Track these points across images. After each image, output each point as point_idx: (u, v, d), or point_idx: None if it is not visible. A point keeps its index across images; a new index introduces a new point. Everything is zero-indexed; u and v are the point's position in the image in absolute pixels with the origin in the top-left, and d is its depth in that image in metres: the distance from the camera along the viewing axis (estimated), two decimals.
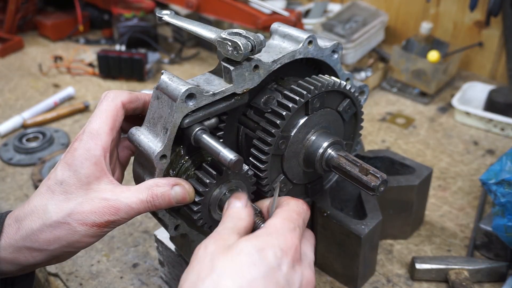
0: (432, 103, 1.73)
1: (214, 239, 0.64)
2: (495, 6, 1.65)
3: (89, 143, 0.72)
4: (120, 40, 2.02)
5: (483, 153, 1.47)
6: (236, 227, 0.67)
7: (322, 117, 0.87)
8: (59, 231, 0.69)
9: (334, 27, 1.87)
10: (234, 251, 0.61)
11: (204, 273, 0.59)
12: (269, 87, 0.88)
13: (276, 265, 0.61)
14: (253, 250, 0.61)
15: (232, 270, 0.59)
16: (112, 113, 0.75)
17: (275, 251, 0.61)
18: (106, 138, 0.73)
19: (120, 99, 0.77)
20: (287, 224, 0.67)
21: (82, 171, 0.71)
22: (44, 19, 2.28)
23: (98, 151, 0.72)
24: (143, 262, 1.11)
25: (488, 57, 1.86)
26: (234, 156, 0.71)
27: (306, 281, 0.65)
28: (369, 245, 0.98)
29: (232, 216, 0.69)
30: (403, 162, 1.13)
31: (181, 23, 0.82)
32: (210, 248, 0.62)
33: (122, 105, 0.77)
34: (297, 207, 0.71)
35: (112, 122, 0.75)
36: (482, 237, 1.08)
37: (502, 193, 1.01)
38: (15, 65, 2.05)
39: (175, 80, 0.73)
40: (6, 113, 1.71)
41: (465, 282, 0.99)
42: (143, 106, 0.81)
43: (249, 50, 0.73)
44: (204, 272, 0.59)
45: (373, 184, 0.79)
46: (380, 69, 1.84)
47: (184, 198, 0.74)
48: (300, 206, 0.72)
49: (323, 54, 0.89)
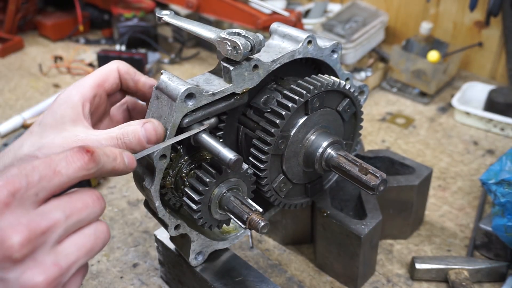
0: (432, 103, 1.73)
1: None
2: (495, 6, 1.64)
3: (71, 91, 0.75)
4: (120, 40, 2.02)
5: (483, 153, 1.47)
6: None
7: (321, 117, 0.87)
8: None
9: (334, 27, 1.87)
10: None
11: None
12: (269, 87, 0.88)
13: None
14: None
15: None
16: (103, 73, 0.78)
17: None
18: (89, 90, 0.75)
19: (117, 65, 0.80)
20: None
21: (59, 111, 0.72)
22: (44, 19, 2.28)
23: (77, 97, 0.74)
24: (143, 262, 1.11)
25: (488, 57, 1.86)
26: (234, 155, 0.71)
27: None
28: (369, 245, 0.98)
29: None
30: (403, 162, 1.13)
31: (181, 23, 0.82)
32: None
33: (117, 70, 0.79)
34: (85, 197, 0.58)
35: (100, 79, 0.77)
36: (482, 237, 1.08)
37: (502, 193, 1.01)
38: (15, 65, 2.05)
39: (175, 80, 0.73)
40: (6, 113, 1.71)
41: (465, 282, 0.99)
42: (134, 83, 0.81)
43: (248, 50, 0.73)
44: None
45: (373, 183, 0.79)
46: (380, 69, 1.84)
47: (153, 134, 0.70)
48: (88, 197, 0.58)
49: (323, 54, 0.89)
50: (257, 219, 0.74)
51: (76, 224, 0.55)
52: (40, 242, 0.51)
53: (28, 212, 0.51)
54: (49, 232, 0.52)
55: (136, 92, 0.83)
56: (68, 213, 0.54)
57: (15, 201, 0.51)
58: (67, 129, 0.71)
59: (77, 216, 0.55)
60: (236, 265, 0.93)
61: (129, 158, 0.64)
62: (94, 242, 0.56)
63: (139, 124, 0.71)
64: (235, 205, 0.78)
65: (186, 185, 0.80)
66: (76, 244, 0.54)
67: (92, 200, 0.56)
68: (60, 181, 0.53)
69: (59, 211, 0.53)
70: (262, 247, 1.14)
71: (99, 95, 0.78)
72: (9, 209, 0.50)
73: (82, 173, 0.55)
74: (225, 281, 0.89)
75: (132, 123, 0.72)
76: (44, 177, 0.52)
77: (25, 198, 0.51)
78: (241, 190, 0.82)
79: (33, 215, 0.51)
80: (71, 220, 0.54)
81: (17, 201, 0.51)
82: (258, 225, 0.74)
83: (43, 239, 0.51)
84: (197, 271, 0.91)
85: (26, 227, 0.50)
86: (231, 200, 0.79)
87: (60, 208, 0.53)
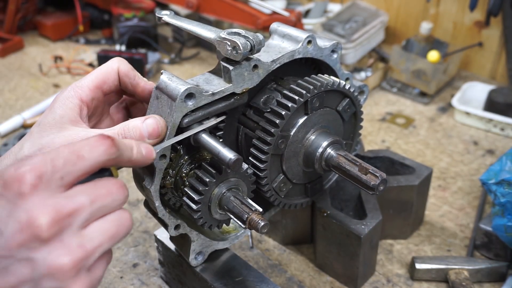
0: (432, 103, 1.73)
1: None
2: (495, 6, 1.64)
3: (70, 92, 0.75)
4: (120, 40, 2.02)
5: (483, 153, 1.47)
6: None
7: (321, 117, 0.87)
8: None
9: (334, 27, 1.87)
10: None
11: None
12: (269, 87, 0.88)
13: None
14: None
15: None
16: (103, 74, 0.77)
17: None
18: (88, 92, 0.75)
19: (118, 65, 0.79)
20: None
21: (58, 111, 0.72)
22: (44, 19, 2.28)
23: (75, 100, 0.74)
24: (143, 262, 1.11)
25: (488, 57, 1.86)
26: (234, 155, 0.71)
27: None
28: (369, 245, 0.98)
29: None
30: (403, 162, 1.13)
31: (181, 23, 0.82)
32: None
33: (117, 71, 0.78)
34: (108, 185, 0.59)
35: (99, 81, 0.77)
36: (482, 237, 1.08)
37: (502, 193, 1.01)
38: (15, 65, 2.05)
39: (175, 80, 0.73)
40: (6, 113, 1.70)
41: (465, 282, 0.99)
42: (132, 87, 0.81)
43: (248, 49, 0.73)
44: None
45: (373, 183, 0.79)
46: (380, 69, 1.84)
47: (155, 129, 0.71)
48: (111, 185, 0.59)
49: (323, 54, 0.89)
50: (257, 219, 0.74)
51: (101, 210, 0.56)
52: (66, 224, 0.53)
53: (55, 195, 0.53)
54: (74, 215, 0.53)
55: (134, 95, 0.83)
56: (93, 198, 0.55)
57: (42, 184, 0.52)
58: (67, 128, 0.71)
59: (102, 202, 0.56)
60: (236, 265, 0.93)
61: (146, 149, 0.65)
62: (117, 228, 0.58)
63: (140, 120, 0.72)
64: (235, 205, 0.78)
65: (186, 185, 0.80)
66: (101, 229, 0.56)
67: (116, 188, 0.58)
68: (84, 165, 0.55)
69: (84, 196, 0.55)
70: (262, 247, 1.14)
71: (97, 98, 0.77)
72: (36, 192, 0.52)
73: (104, 158, 0.56)
74: (225, 281, 0.89)
75: (133, 119, 0.73)
76: (69, 161, 0.54)
77: (51, 181, 0.53)
78: (241, 190, 0.82)
79: (60, 198, 0.53)
80: (95, 205, 0.55)
81: (44, 184, 0.52)
82: (258, 225, 0.74)
83: (69, 221, 0.53)
84: (197, 271, 0.91)
85: (53, 209, 0.52)
86: (231, 200, 0.79)
87: (86, 193, 0.55)
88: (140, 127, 0.71)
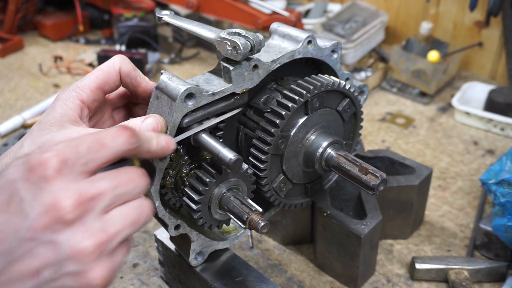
0: (432, 103, 1.73)
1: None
2: (495, 6, 1.64)
3: (71, 93, 0.75)
4: (120, 40, 2.02)
5: (483, 153, 1.47)
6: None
7: (321, 117, 0.87)
8: None
9: (334, 27, 1.87)
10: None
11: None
12: (269, 87, 0.88)
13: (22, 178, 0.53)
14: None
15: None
16: (105, 75, 0.77)
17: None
18: (89, 93, 0.75)
19: (119, 64, 0.78)
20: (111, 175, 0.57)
21: (58, 110, 0.73)
22: (44, 19, 2.28)
23: (77, 100, 0.74)
24: (143, 262, 1.11)
25: (488, 57, 1.86)
26: (234, 155, 0.71)
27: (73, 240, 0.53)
28: (369, 245, 0.98)
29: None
30: (403, 162, 1.13)
31: (181, 23, 0.82)
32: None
33: (119, 71, 0.78)
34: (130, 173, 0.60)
35: (101, 82, 0.77)
36: (482, 237, 1.08)
37: (502, 193, 1.01)
38: (15, 65, 2.05)
39: (175, 80, 0.73)
40: (6, 113, 1.70)
41: (465, 282, 0.99)
42: (133, 87, 0.80)
43: (248, 49, 0.73)
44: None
45: (373, 183, 0.79)
46: (380, 69, 1.84)
47: (155, 127, 0.72)
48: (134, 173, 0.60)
49: (323, 54, 0.89)
50: (257, 219, 0.74)
51: (122, 196, 0.57)
52: (89, 207, 0.54)
53: (78, 180, 0.54)
54: (97, 199, 0.54)
55: (135, 95, 0.82)
56: (115, 184, 0.56)
57: (66, 169, 0.53)
58: (67, 127, 0.71)
59: (124, 188, 0.57)
60: (236, 265, 0.93)
61: (166, 140, 0.67)
62: (138, 215, 0.59)
63: (140, 119, 0.72)
64: (235, 205, 0.78)
65: (186, 185, 0.80)
66: (122, 215, 0.57)
67: (137, 176, 0.59)
68: (107, 153, 0.56)
69: (106, 182, 0.56)
70: (262, 247, 1.14)
71: (98, 99, 0.77)
72: (61, 175, 0.53)
73: (126, 147, 0.58)
74: (225, 281, 0.89)
75: (133, 119, 0.73)
76: (92, 148, 0.55)
77: (76, 166, 0.54)
78: (241, 190, 0.82)
79: (83, 183, 0.54)
80: (117, 191, 0.56)
81: (68, 168, 0.53)
82: (258, 225, 0.74)
83: (92, 205, 0.54)
84: (197, 271, 0.91)
85: (77, 192, 0.53)
86: (231, 200, 0.79)
87: (108, 179, 0.56)
88: (140, 126, 0.71)
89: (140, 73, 0.80)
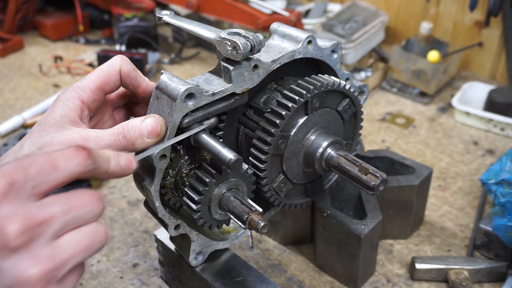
0: (432, 103, 1.73)
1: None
2: (495, 6, 1.64)
3: (72, 93, 0.75)
4: (120, 40, 2.02)
5: (483, 153, 1.47)
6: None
7: (321, 117, 0.87)
8: None
9: (334, 27, 1.87)
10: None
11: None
12: (269, 87, 0.88)
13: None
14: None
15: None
16: (105, 75, 0.77)
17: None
18: (90, 94, 0.75)
19: (120, 65, 0.78)
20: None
21: (58, 111, 0.73)
22: (44, 19, 2.28)
23: (77, 101, 0.74)
24: (143, 262, 1.11)
25: (488, 57, 1.86)
26: (234, 155, 0.71)
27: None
28: (369, 245, 0.98)
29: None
30: (403, 162, 1.13)
31: (181, 23, 0.82)
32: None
33: (120, 71, 0.78)
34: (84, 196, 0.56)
35: (101, 82, 0.76)
36: (482, 237, 1.08)
37: (502, 193, 1.01)
38: (15, 65, 2.05)
39: (175, 80, 0.73)
40: (6, 113, 1.70)
41: (465, 282, 0.99)
42: (133, 88, 0.80)
43: (248, 50, 0.73)
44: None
45: (373, 183, 0.79)
46: (380, 69, 1.84)
47: (154, 127, 0.71)
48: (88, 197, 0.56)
49: (323, 54, 0.89)
50: (257, 219, 0.74)
51: (74, 221, 0.54)
52: (36, 233, 0.51)
53: (26, 203, 0.51)
54: (46, 225, 0.51)
55: (135, 95, 0.82)
56: (66, 209, 0.53)
57: (12, 192, 0.50)
58: (67, 128, 0.71)
59: (75, 213, 0.54)
60: (236, 265, 0.93)
61: (125, 160, 0.63)
62: (91, 241, 0.55)
63: (140, 120, 0.72)
64: (235, 205, 0.78)
65: (186, 185, 0.80)
66: (73, 241, 0.54)
67: (91, 200, 0.56)
68: (58, 176, 0.53)
69: (57, 206, 0.53)
70: (262, 247, 1.14)
71: (99, 99, 0.77)
72: (6, 199, 0.50)
73: (79, 169, 0.55)
74: (225, 281, 0.89)
75: (133, 119, 0.73)
76: (42, 171, 0.52)
77: (23, 189, 0.51)
78: (241, 190, 0.82)
79: (31, 207, 0.51)
80: (68, 216, 0.53)
81: (14, 191, 0.50)
82: (258, 225, 0.74)
83: (40, 231, 0.51)
84: (197, 271, 0.91)
85: (23, 217, 0.50)
86: (231, 200, 0.79)
87: (58, 203, 0.53)
88: (140, 126, 0.71)
89: (140, 73, 0.80)
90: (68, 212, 0.53)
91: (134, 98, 0.84)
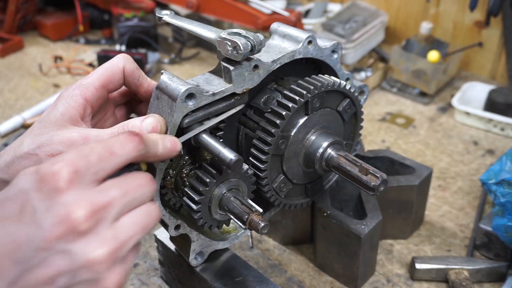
0: (432, 103, 1.73)
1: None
2: (495, 6, 1.64)
3: (75, 91, 0.75)
4: (120, 40, 2.02)
5: (483, 153, 1.47)
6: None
7: (322, 117, 0.87)
8: (27, 162, 0.70)
9: (334, 27, 1.87)
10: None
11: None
12: (269, 87, 0.88)
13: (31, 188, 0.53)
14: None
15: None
16: (108, 73, 0.77)
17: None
18: (93, 92, 0.75)
19: (123, 64, 0.78)
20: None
21: (60, 109, 0.73)
22: (44, 19, 2.28)
23: (80, 99, 0.74)
24: (143, 262, 1.11)
25: (488, 57, 1.86)
26: (234, 156, 0.71)
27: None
28: (369, 245, 0.98)
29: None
30: (403, 162, 1.13)
31: (181, 23, 0.82)
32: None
33: (123, 70, 0.78)
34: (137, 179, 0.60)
35: (105, 80, 0.76)
36: (482, 237, 1.08)
37: (502, 193, 1.01)
38: (15, 65, 2.05)
39: (175, 80, 0.73)
40: (6, 113, 1.70)
41: (465, 282, 0.99)
42: (135, 87, 0.80)
43: (248, 50, 0.73)
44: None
45: (373, 183, 0.79)
46: (380, 69, 1.84)
47: (154, 127, 0.72)
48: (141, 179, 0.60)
49: (323, 54, 0.89)
50: (257, 220, 0.74)
51: (132, 203, 0.58)
52: (100, 217, 0.54)
53: (89, 189, 0.55)
54: (108, 208, 0.55)
55: (136, 94, 0.83)
56: (124, 192, 0.57)
57: (77, 179, 0.54)
58: (66, 127, 0.71)
59: (132, 195, 0.58)
60: (236, 265, 0.93)
61: (171, 142, 0.68)
62: (147, 221, 0.59)
63: (140, 119, 0.72)
64: (235, 205, 0.78)
65: (186, 185, 0.80)
66: (133, 221, 0.58)
67: (145, 181, 0.60)
68: (116, 161, 0.57)
69: (116, 189, 0.56)
70: (262, 247, 1.14)
71: (102, 97, 0.77)
72: (72, 186, 0.53)
73: (134, 154, 0.59)
74: (225, 281, 0.89)
75: (133, 119, 0.73)
76: (102, 158, 0.56)
77: (86, 176, 0.55)
78: (241, 190, 0.82)
79: (94, 192, 0.55)
80: (127, 198, 0.57)
81: (79, 179, 0.54)
82: (258, 225, 0.74)
83: (104, 214, 0.55)
84: (197, 271, 0.91)
85: (89, 203, 0.54)
86: (231, 200, 0.79)
87: (118, 187, 0.57)
88: (139, 126, 0.71)
89: (142, 73, 0.80)
90: (126, 194, 0.57)
91: (136, 97, 0.85)
